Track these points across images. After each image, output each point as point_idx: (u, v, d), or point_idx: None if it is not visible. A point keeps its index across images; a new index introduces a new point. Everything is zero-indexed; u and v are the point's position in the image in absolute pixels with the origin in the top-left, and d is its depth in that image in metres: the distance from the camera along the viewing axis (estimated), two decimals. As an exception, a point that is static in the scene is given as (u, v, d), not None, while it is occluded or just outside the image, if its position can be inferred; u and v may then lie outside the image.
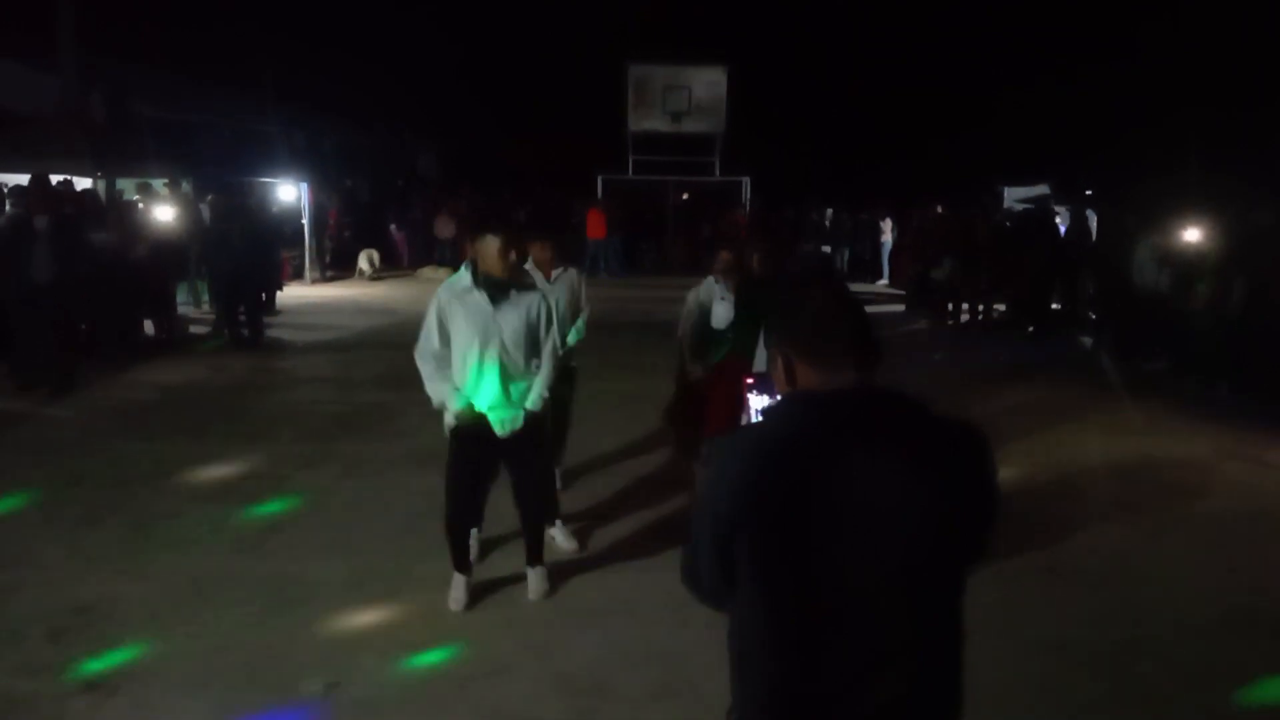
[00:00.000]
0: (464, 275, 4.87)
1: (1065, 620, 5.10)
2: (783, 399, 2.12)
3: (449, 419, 4.89)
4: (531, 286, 5.01)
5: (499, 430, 4.87)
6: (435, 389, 4.89)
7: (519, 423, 4.89)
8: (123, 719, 4.01)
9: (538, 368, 4.96)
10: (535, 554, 5.24)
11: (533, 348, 4.91)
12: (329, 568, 5.53)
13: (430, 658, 4.56)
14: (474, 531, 5.63)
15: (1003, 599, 5.31)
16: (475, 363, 4.80)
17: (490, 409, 4.85)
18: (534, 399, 4.92)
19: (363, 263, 20.84)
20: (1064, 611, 5.21)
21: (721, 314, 6.01)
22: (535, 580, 5.21)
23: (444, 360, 4.87)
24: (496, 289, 4.78)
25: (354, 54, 31.22)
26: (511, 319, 4.81)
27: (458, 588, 5.07)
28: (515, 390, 4.88)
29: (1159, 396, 10.29)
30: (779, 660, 2.02)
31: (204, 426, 8.52)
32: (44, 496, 6.59)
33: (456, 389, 4.84)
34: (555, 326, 5.03)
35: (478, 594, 5.12)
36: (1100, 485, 7.41)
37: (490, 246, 4.73)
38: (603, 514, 6.48)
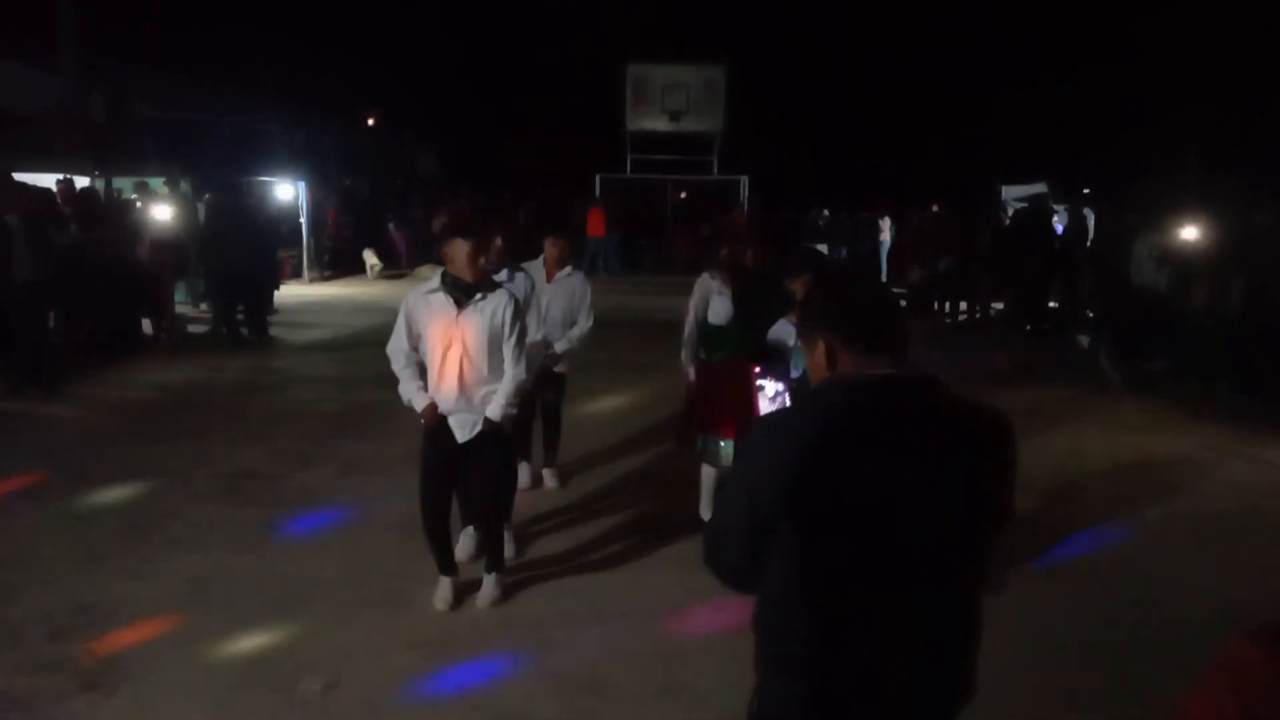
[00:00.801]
0: (434, 278, 4.85)
1: (1065, 619, 5.10)
2: (827, 384, 2.15)
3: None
4: (497, 290, 4.84)
5: (458, 435, 4.83)
6: (403, 388, 4.93)
7: (477, 429, 4.82)
8: (122, 718, 4.01)
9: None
10: (492, 562, 5.12)
11: (496, 353, 4.80)
12: (327, 567, 5.53)
13: (429, 657, 4.55)
14: (469, 530, 5.62)
15: (1002, 598, 5.30)
16: (437, 365, 4.78)
17: (450, 413, 4.81)
18: (494, 408, 4.81)
19: (372, 258, 20.87)
20: (1063, 610, 5.21)
21: (719, 310, 5.98)
22: (486, 588, 5.08)
23: (414, 358, 4.88)
24: (461, 292, 4.71)
25: (354, 53, 31.24)
26: (475, 323, 4.72)
27: (443, 588, 5.04)
28: (476, 395, 4.80)
29: (1158, 396, 10.29)
30: (807, 645, 2.06)
31: (203, 426, 8.51)
32: (43, 496, 6.59)
33: (422, 389, 4.85)
34: (520, 333, 4.85)
35: (464, 592, 5.07)
36: (1099, 484, 7.42)
37: (459, 250, 4.65)
38: (599, 512, 6.48)
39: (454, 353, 4.74)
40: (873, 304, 2.16)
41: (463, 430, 4.83)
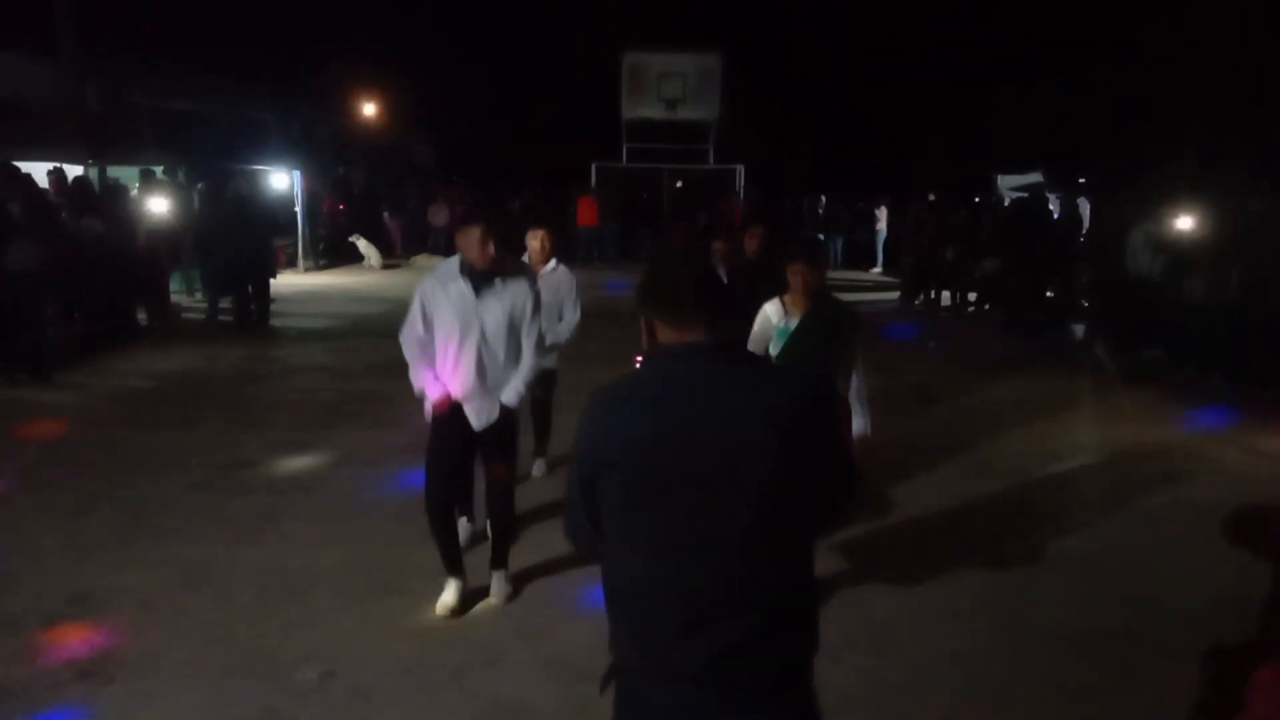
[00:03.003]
0: (452, 263, 4.82)
1: (1060, 609, 5.12)
2: (645, 357, 2.36)
3: (428, 406, 4.85)
4: (517, 276, 4.88)
5: (474, 422, 4.81)
6: (416, 375, 4.85)
7: (495, 415, 4.82)
8: (118, 708, 4.01)
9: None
10: (500, 557, 5.09)
11: (514, 340, 4.81)
12: (324, 556, 5.54)
13: (425, 646, 4.56)
14: (463, 520, 5.61)
15: (998, 587, 5.34)
16: (455, 352, 4.75)
17: (466, 399, 4.79)
18: (510, 393, 4.83)
19: (363, 244, 20.75)
20: (1059, 599, 5.23)
21: None
22: (498, 584, 5.07)
23: (427, 346, 4.82)
24: (481, 279, 4.70)
25: (350, 43, 31.12)
26: (494, 309, 4.73)
27: (450, 594, 4.93)
28: (493, 382, 4.79)
29: (1154, 386, 10.31)
30: (636, 600, 2.23)
31: (199, 415, 8.52)
32: (40, 484, 6.59)
33: (436, 377, 4.80)
34: (539, 319, 4.92)
35: (469, 600, 4.99)
36: (1095, 474, 7.45)
37: (471, 236, 4.65)
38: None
39: (472, 339, 4.71)
40: (680, 283, 2.29)
41: (479, 417, 4.81)
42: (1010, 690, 4.29)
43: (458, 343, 4.73)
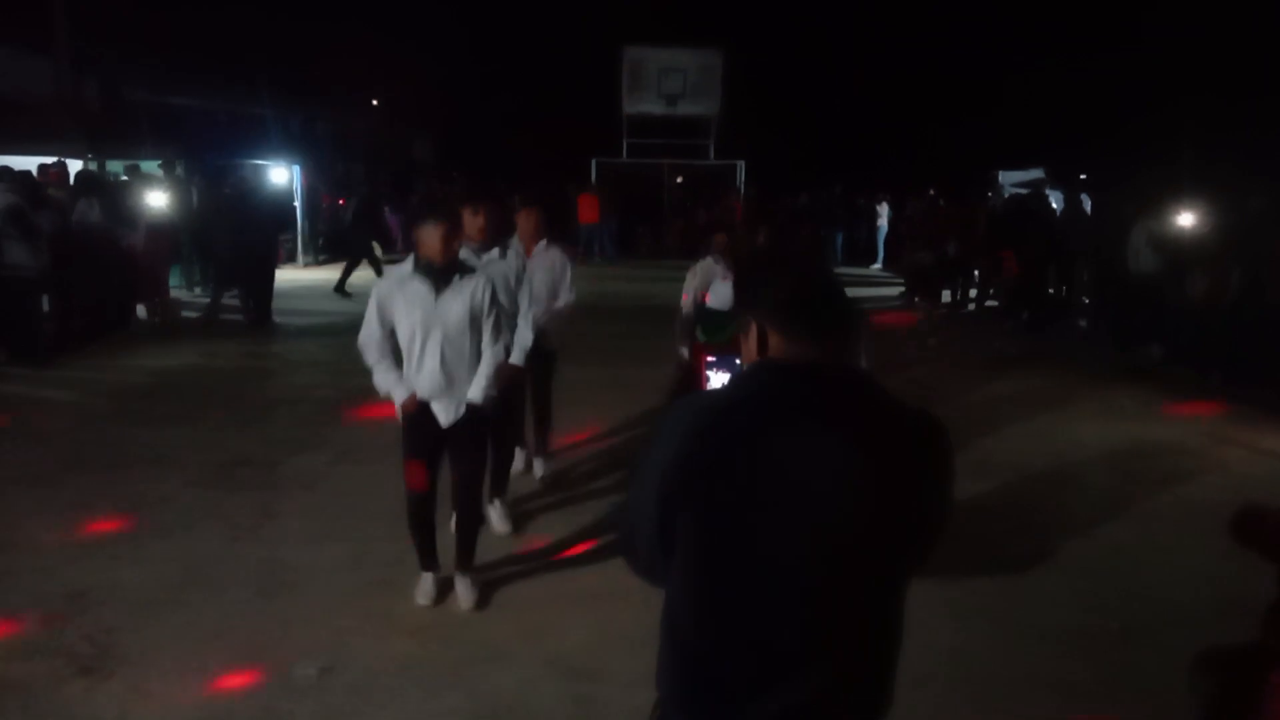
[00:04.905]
0: (405, 264, 4.78)
1: (1058, 607, 5.12)
2: (750, 366, 2.06)
3: (397, 407, 4.83)
4: (473, 271, 4.83)
5: (442, 419, 4.79)
6: (380, 378, 4.82)
7: (461, 412, 4.80)
8: (117, 703, 4.01)
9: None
10: (465, 559, 5.04)
11: (476, 335, 4.79)
12: (322, 552, 5.54)
13: (424, 642, 4.56)
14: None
15: (996, 586, 5.34)
16: (418, 351, 4.72)
17: (433, 398, 4.77)
18: (476, 391, 4.80)
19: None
20: (1057, 599, 5.23)
21: (722, 295, 6.00)
22: (463, 589, 5.01)
23: (386, 349, 4.80)
24: (438, 276, 4.66)
25: (350, 38, 31.08)
26: (454, 306, 4.69)
27: (425, 583, 4.99)
28: (458, 378, 4.77)
29: (1153, 384, 10.31)
30: (701, 637, 1.98)
31: (198, 411, 8.50)
32: (39, 480, 6.58)
33: (400, 379, 4.78)
34: (498, 314, 4.86)
35: (447, 588, 5.02)
36: (1094, 472, 7.44)
37: (432, 234, 4.59)
38: (593, 496, 6.48)
39: (435, 337, 4.69)
40: (810, 290, 2.06)
41: (446, 414, 4.80)
42: (1009, 689, 4.28)
43: (421, 342, 4.71)
